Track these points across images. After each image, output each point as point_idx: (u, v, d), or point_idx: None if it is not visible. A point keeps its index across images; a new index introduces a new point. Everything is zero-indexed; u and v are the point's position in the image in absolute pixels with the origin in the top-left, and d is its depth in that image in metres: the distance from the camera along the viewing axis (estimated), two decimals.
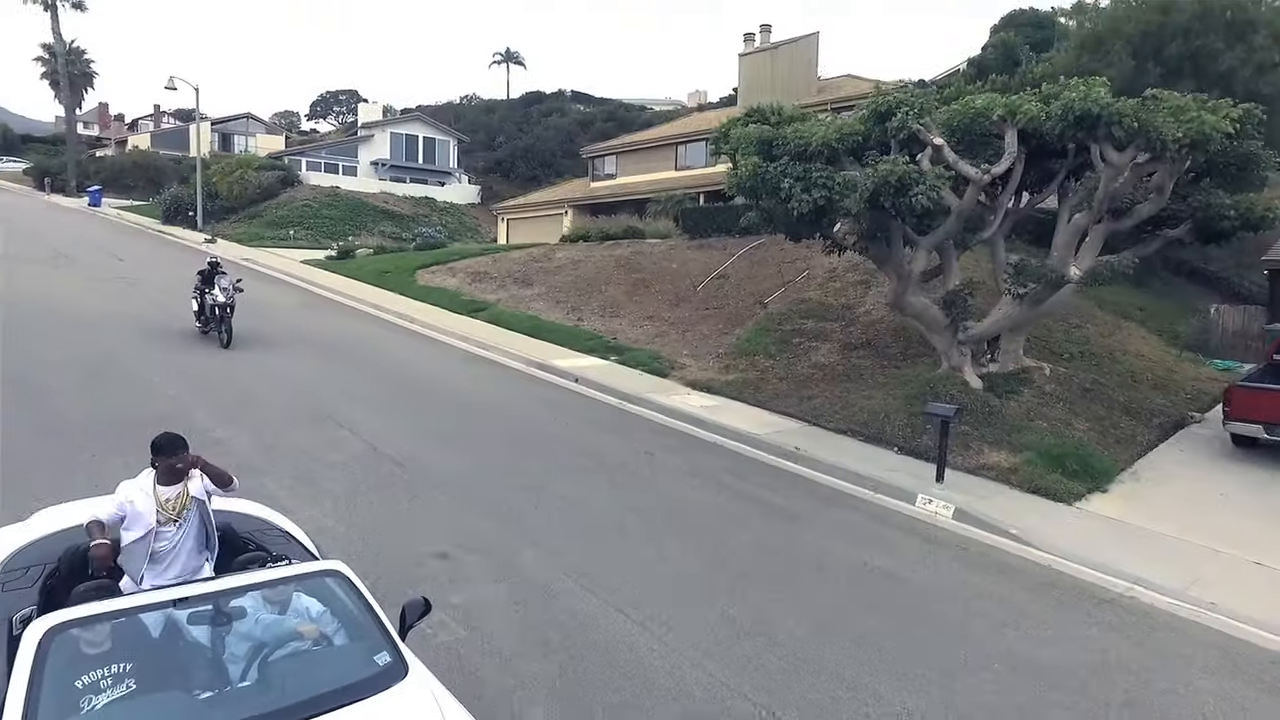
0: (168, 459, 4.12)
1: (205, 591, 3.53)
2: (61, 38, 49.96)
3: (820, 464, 10.26)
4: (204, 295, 14.25)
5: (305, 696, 3.21)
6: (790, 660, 5.43)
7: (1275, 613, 6.88)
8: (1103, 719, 5.12)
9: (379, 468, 8.47)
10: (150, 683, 3.20)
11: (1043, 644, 6.11)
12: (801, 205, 10.36)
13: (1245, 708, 5.43)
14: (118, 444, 8.33)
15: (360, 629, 3.59)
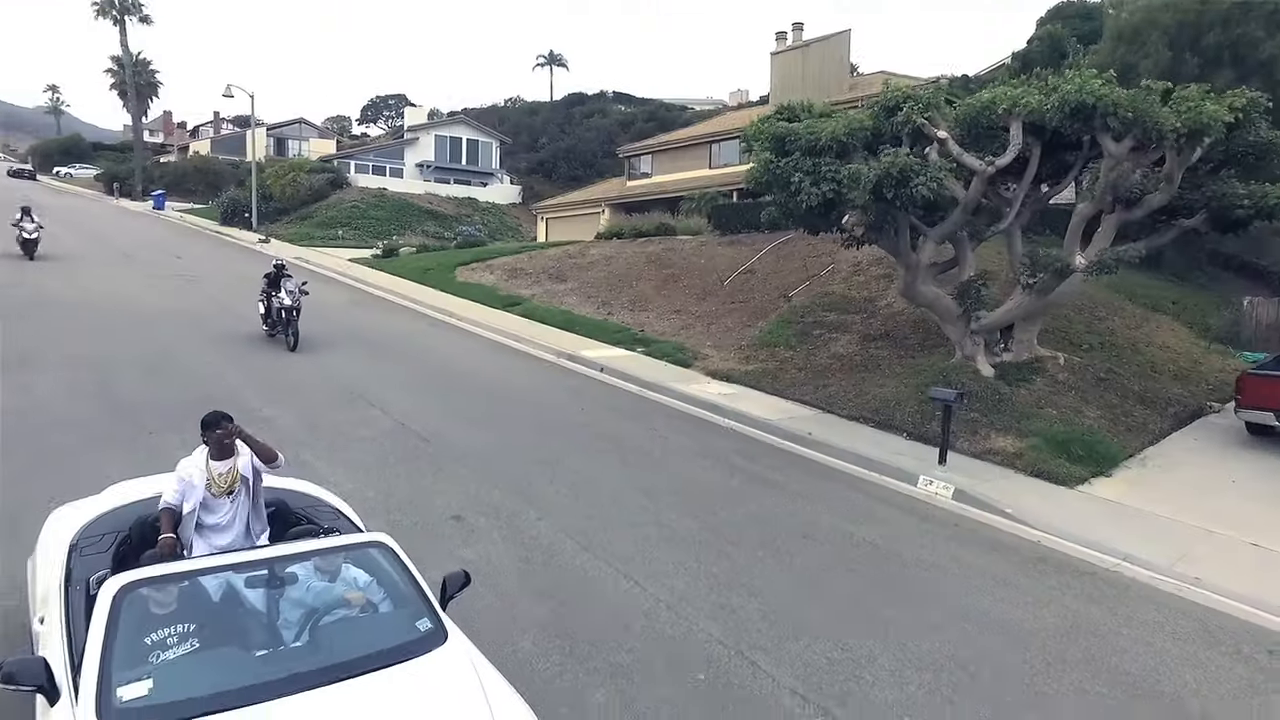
0: (214, 432, 4.48)
1: (261, 558, 3.87)
2: (129, 50, 52.66)
3: (828, 447, 10.64)
4: (270, 298, 14.30)
5: (352, 657, 3.46)
6: (762, 611, 5.91)
7: (1261, 589, 7.06)
8: (1055, 669, 5.47)
9: (407, 443, 9.17)
10: (211, 641, 3.49)
11: (1014, 607, 6.46)
12: (810, 198, 10.78)
13: (1205, 668, 5.71)
14: (174, 422, 9.19)
15: (403, 597, 3.86)
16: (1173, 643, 6.07)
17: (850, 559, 7.18)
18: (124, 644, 3.26)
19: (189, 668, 3.31)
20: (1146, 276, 20.71)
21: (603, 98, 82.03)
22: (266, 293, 14.58)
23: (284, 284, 14.01)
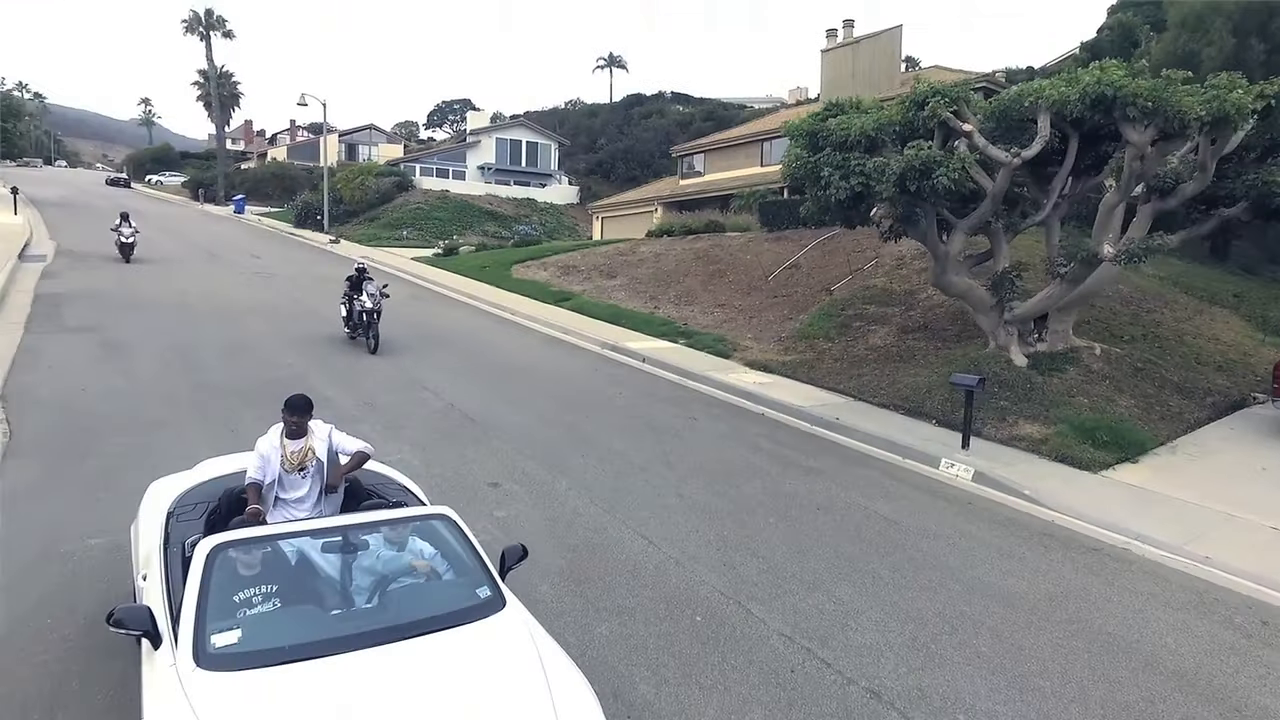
0: (292, 416, 4.89)
1: (336, 525, 4.22)
2: (214, 64, 55.85)
3: (856, 432, 11.01)
4: (352, 301, 14.31)
5: (416, 619, 3.75)
6: (764, 569, 6.43)
7: (1271, 569, 7.18)
8: (1036, 628, 5.83)
9: (454, 420, 9.98)
10: (291, 600, 3.82)
11: (1011, 576, 6.81)
12: (839, 192, 11.17)
13: (1189, 633, 5.98)
14: (249, 398, 10.25)
15: (464, 567, 4.14)
16: (1163, 611, 6.34)
17: (858, 529, 7.61)
18: (216, 598, 3.62)
19: (272, 622, 3.65)
20: (1212, 269, 20.22)
21: (661, 98, 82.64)
22: (349, 295, 14.56)
23: (365, 287, 14.04)
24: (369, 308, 13.74)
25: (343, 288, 15.01)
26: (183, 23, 54.54)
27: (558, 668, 3.64)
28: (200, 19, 54.25)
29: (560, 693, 3.44)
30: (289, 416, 4.91)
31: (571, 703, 3.43)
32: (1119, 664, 5.42)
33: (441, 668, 3.50)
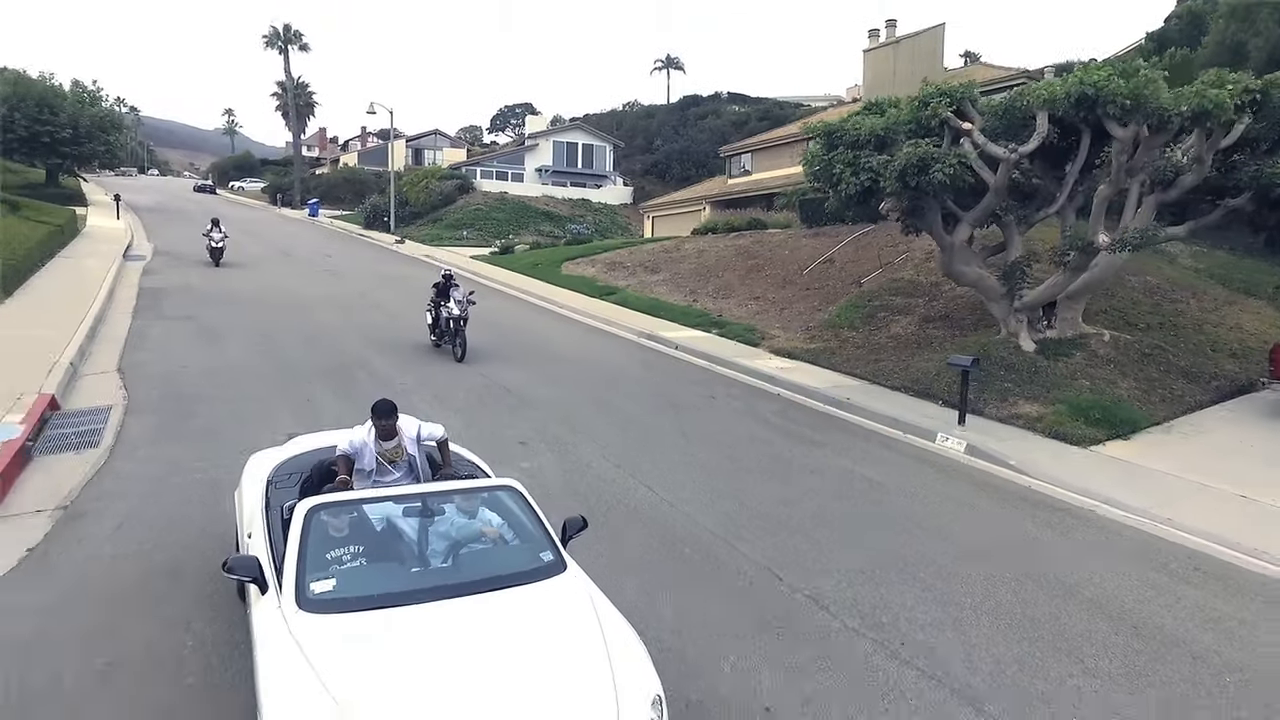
0: (380, 420, 5.18)
1: (415, 492, 4.68)
2: (291, 75, 59.21)
3: (864, 411, 11.88)
4: (439, 308, 14.04)
5: (485, 577, 4.15)
6: (752, 516, 7.46)
7: (1227, 529, 7.81)
8: (977, 564, 6.72)
9: (494, 393, 11.29)
10: (375, 558, 4.26)
11: (972, 527, 7.67)
12: (849, 187, 12.05)
13: (1121, 573, 6.76)
14: (321, 375, 11.76)
15: (529, 534, 4.53)
16: (1103, 556, 7.12)
17: (845, 488, 8.56)
18: (313, 552, 4.06)
19: (360, 574, 4.11)
20: (1262, 261, 20.07)
21: (717, 98, 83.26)
22: (435, 302, 14.25)
23: (452, 293, 13.76)
24: (456, 315, 13.40)
25: (428, 294, 14.74)
26: (263, 38, 58.08)
27: (613, 624, 3.98)
28: (279, 34, 57.65)
29: (615, 644, 3.79)
30: (378, 420, 5.19)
31: (624, 654, 3.77)
32: (1042, 592, 6.28)
33: (506, 619, 3.89)
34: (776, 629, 5.46)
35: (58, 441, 8.15)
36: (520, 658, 3.65)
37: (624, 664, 3.70)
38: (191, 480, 7.43)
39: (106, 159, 41.38)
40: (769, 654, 5.13)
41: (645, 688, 3.64)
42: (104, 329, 13.82)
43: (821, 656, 5.15)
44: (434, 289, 14.52)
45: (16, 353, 10.96)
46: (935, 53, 26.60)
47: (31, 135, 33.30)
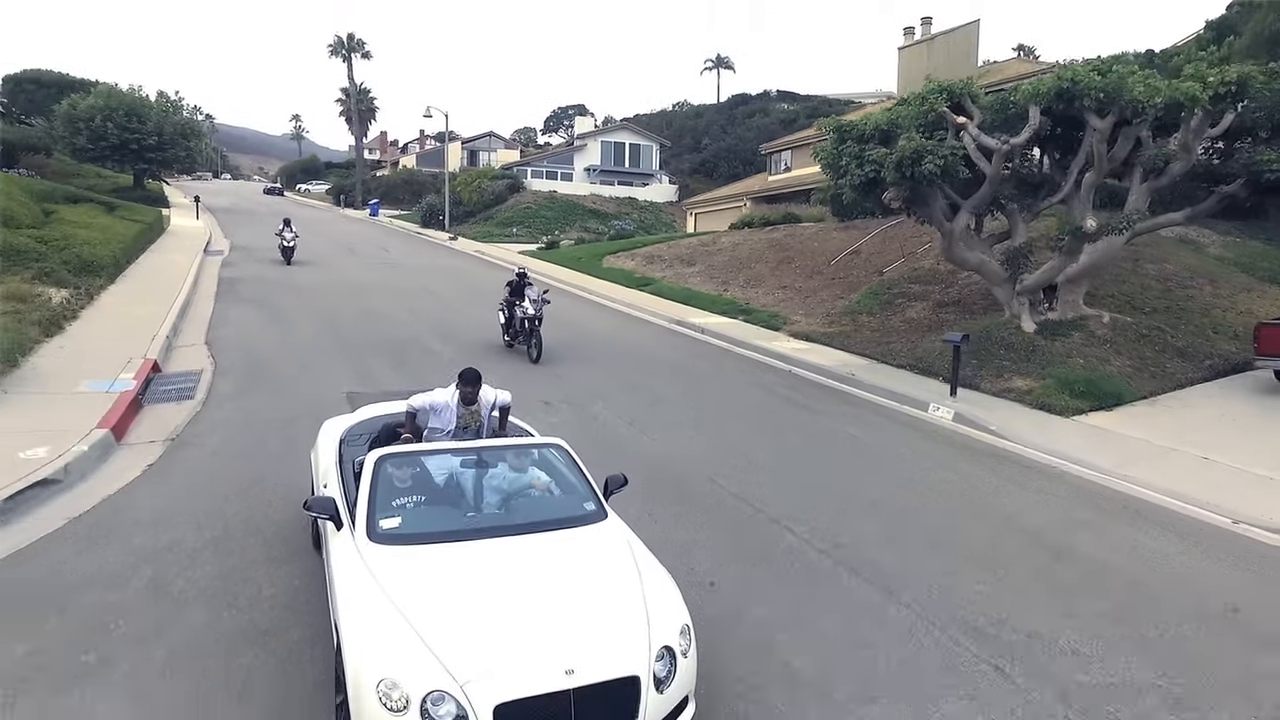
0: (465, 386, 5.78)
1: (472, 446, 5.22)
2: (354, 82, 62.09)
3: (867, 385, 12.83)
4: (513, 308, 13.52)
5: (533, 520, 4.65)
6: (736, 460, 8.60)
7: (1175, 482, 8.59)
8: (918, 497, 7.72)
9: (526, 365, 12.64)
10: (436, 503, 4.78)
11: (936, 476, 8.64)
12: (854, 178, 13.03)
13: (1050, 507, 7.68)
14: (377, 349, 13.28)
15: (573, 486, 5.00)
16: (1048, 500, 8.03)
17: (827, 442, 9.62)
18: (381, 495, 4.56)
19: (423, 514, 4.63)
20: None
21: (765, 97, 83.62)
22: (508, 302, 13.81)
23: (527, 292, 13.24)
24: (531, 315, 12.90)
25: (501, 294, 14.29)
26: (328, 47, 61.10)
27: (648, 565, 4.40)
28: (343, 42, 60.56)
29: (649, 582, 4.21)
30: (463, 386, 5.80)
31: (657, 590, 4.18)
32: (980, 523, 7.27)
33: (549, 555, 4.36)
34: (737, 538, 6.60)
35: (161, 395, 9.80)
36: (559, 586, 4.10)
37: (657, 598, 4.08)
38: (267, 423, 8.95)
39: (186, 164, 44.38)
40: (728, 554, 6.28)
41: (675, 618, 4.02)
42: (191, 310, 15.69)
43: (768, 557, 6.28)
44: (507, 288, 13.90)
45: (124, 327, 12.78)
46: (969, 49, 27.04)
47: (122, 143, 36.21)
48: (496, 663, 3.51)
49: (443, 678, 3.43)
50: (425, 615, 3.72)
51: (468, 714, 3.36)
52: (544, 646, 3.63)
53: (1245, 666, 4.97)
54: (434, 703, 3.36)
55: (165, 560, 5.66)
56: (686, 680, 3.89)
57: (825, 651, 4.90)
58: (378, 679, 3.41)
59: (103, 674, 4.34)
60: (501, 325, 14.11)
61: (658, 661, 3.76)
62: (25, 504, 6.29)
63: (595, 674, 3.56)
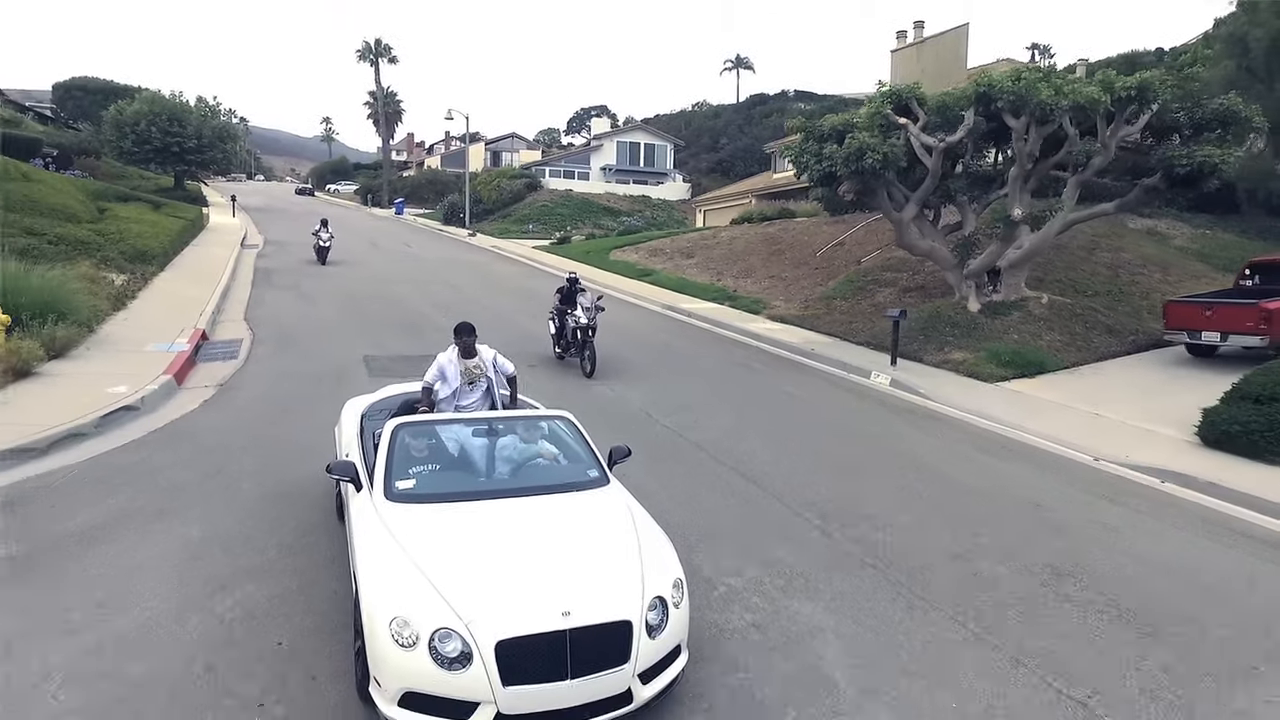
0: (460, 338, 6.18)
1: (484, 417, 5.55)
2: (381, 86, 64.56)
3: (823, 358, 14.42)
4: (563, 317, 12.56)
5: (545, 484, 4.97)
6: (676, 405, 10.28)
7: (1063, 433, 10.09)
8: (832, 435, 9.34)
9: (524, 339, 14.42)
10: (447, 468, 5.09)
11: (855, 422, 10.25)
12: (813, 174, 14.62)
13: (949, 451, 9.24)
14: (396, 328, 15.15)
15: (578, 455, 5.30)
16: (947, 444, 9.59)
17: (769, 398, 11.24)
18: (398, 459, 4.87)
19: (436, 477, 4.94)
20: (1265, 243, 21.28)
21: (783, 97, 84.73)
22: (558, 310, 12.80)
23: (579, 300, 12.33)
24: (584, 324, 11.97)
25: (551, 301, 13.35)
26: (356, 52, 63.69)
27: (646, 526, 4.66)
28: (371, 48, 63.10)
29: (645, 540, 4.47)
30: (459, 339, 6.19)
31: (652, 546, 4.44)
32: (871, 452, 8.88)
33: (553, 515, 4.65)
34: (663, 456, 8.30)
35: (210, 355, 11.75)
36: (560, 541, 4.40)
37: (652, 554, 4.35)
38: (296, 377, 10.84)
39: (223, 165, 46.95)
40: (651, 462, 7.97)
41: (669, 572, 4.28)
42: (232, 294, 17.73)
43: (681, 465, 7.97)
44: (557, 295, 12.95)
45: (176, 305, 14.81)
46: (959, 52, 28.29)
47: (164, 146, 38.70)
48: (498, 604, 3.78)
49: (449, 617, 3.69)
50: (435, 563, 4.00)
51: (471, 650, 3.62)
52: (543, 592, 3.89)
53: (1018, 535, 6.58)
54: (441, 639, 3.63)
55: (219, 456, 7.54)
56: (679, 629, 4.16)
57: (696, 514, 6.60)
58: (390, 618, 3.68)
59: (181, 512, 6.25)
60: (552, 336, 13.01)
61: (650, 610, 4.00)
62: (115, 422, 8.22)
63: (590, 617, 3.79)
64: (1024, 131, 12.55)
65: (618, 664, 3.80)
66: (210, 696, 3.99)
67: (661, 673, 4.00)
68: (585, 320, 11.99)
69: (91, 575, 5.14)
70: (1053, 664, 4.65)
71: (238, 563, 5.40)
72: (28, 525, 5.84)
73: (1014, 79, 12.00)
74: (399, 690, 3.62)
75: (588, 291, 12.87)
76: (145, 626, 4.55)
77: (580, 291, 12.61)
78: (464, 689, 3.59)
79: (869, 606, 5.29)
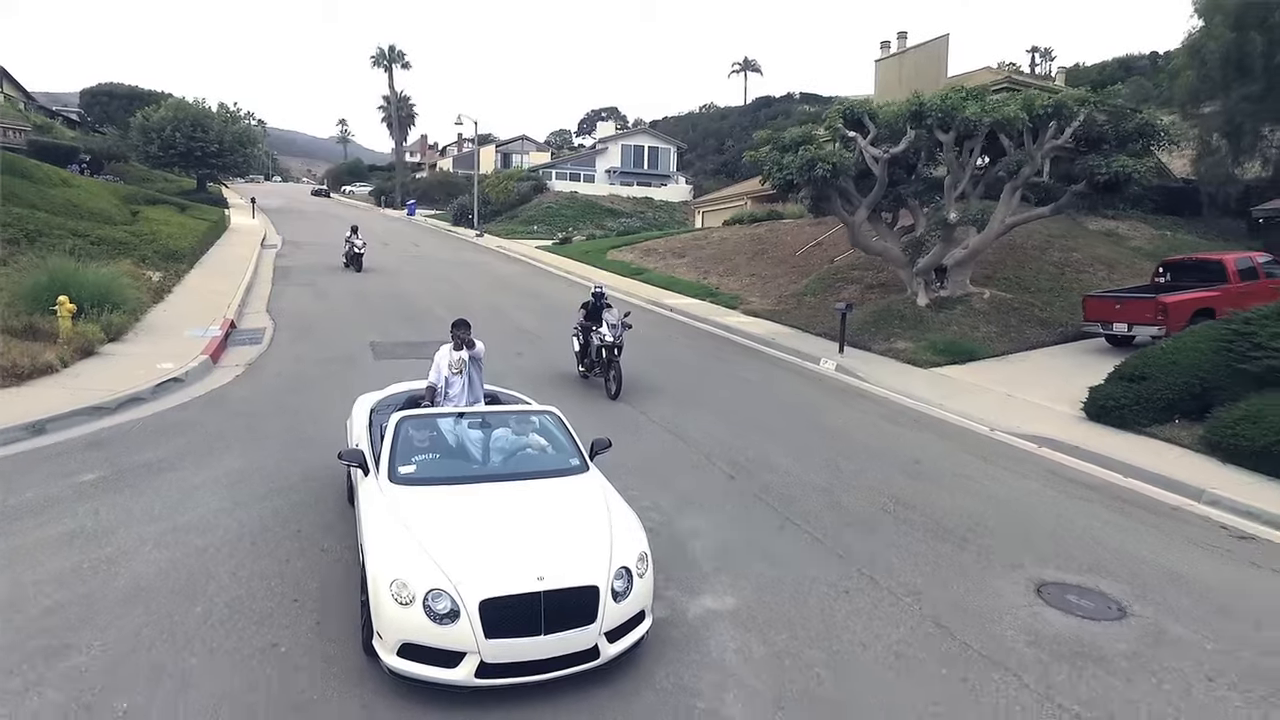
0: (456, 331, 6.89)
1: (479, 411, 6.32)
2: (394, 90, 66.65)
3: (782, 346, 16.05)
4: (588, 334, 11.96)
5: (530, 470, 5.62)
6: (641, 385, 11.95)
7: (974, 409, 11.69)
8: (760, 402, 10.99)
9: (513, 332, 16.16)
10: (445, 456, 5.71)
11: (785, 396, 11.88)
12: (774, 181, 16.26)
13: (864, 420, 10.87)
14: (398, 317, 16.93)
15: (562, 446, 5.94)
16: (860, 413, 11.23)
17: (725, 381, 12.89)
18: (401, 447, 5.50)
19: (434, 465, 5.57)
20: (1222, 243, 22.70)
21: (789, 99, 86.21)
22: (583, 326, 12.19)
23: (604, 316, 11.74)
24: (609, 342, 11.37)
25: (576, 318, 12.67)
26: (371, 58, 65.84)
27: (618, 508, 5.26)
28: (384, 54, 65.19)
29: (616, 520, 5.05)
30: (455, 333, 6.90)
31: (623, 526, 5.01)
32: (803, 426, 10.48)
33: (536, 497, 5.26)
34: (618, 425, 9.97)
35: (238, 340, 13.59)
36: (540, 518, 5.01)
37: (621, 531, 4.94)
38: (312, 358, 12.65)
39: (243, 168, 49.11)
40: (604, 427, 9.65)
41: (635, 546, 4.84)
42: (254, 289, 19.61)
43: (627, 429, 9.65)
44: (581, 311, 12.41)
45: (206, 298, 16.68)
46: (939, 61, 29.76)
47: (188, 150, 40.83)
48: (483, 569, 4.35)
49: (441, 579, 4.25)
50: (429, 535, 4.59)
51: (459, 607, 4.18)
52: (522, 560, 4.45)
53: (885, 479, 8.23)
54: (433, 598, 4.18)
55: (251, 416, 9.35)
56: (642, 596, 4.70)
57: (625, 459, 8.28)
58: (390, 579, 4.27)
59: (224, 452, 8.06)
60: (576, 354, 12.47)
61: (616, 579, 4.54)
62: (165, 391, 10.06)
63: (561, 581, 4.35)
64: (954, 144, 14.13)
65: (586, 623, 4.34)
66: (251, 559, 5.75)
67: (627, 634, 4.58)
68: (611, 338, 11.40)
69: (164, 489, 6.92)
70: (865, 558, 6.31)
71: (269, 484, 7.15)
72: (112, 458, 7.65)
73: (943, 98, 13.59)
74: (397, 642, 4.19)
75: (614, 307, 12.36)
76: (206, 518, 6.33)
77: (607, 307, 12.10)
78: (453, 641, 4.14)
79: (745, 522, 6.96)
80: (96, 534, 5.99)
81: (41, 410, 8.55)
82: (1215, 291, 13.52)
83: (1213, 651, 5.14)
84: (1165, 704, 4.54)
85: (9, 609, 4.92)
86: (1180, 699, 4.59)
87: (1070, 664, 4.89)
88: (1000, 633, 5.24)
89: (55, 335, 10.84)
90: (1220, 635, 5.36)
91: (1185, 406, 10.37)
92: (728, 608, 5.34)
